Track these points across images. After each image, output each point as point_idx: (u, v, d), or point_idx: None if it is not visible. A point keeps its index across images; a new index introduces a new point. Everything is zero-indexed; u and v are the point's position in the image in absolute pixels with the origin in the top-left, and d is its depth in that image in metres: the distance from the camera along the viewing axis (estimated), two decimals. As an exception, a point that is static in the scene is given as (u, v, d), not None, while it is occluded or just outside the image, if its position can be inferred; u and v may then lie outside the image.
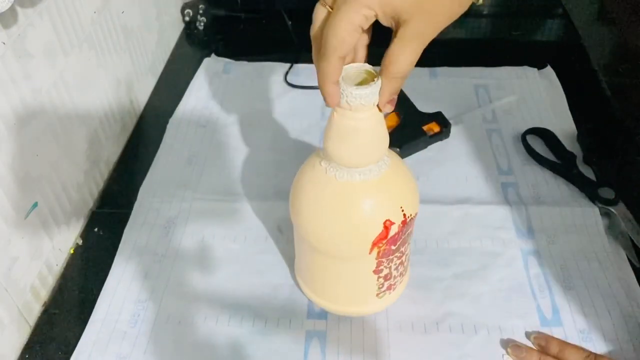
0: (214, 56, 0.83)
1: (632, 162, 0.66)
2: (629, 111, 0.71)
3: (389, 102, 0.41)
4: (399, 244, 0.46)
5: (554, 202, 0.60)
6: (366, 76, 0.40)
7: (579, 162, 0.64)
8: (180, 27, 0.90)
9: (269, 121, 0.73)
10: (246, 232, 0.59)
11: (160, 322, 0.52)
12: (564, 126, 0.69)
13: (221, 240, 0.58)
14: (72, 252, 0.59)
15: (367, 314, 0.51)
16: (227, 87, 0.78)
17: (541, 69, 0.78)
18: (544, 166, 0.64)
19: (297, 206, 0.46)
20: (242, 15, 0.91)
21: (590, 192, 0.60)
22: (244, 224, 0.60)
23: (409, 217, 0.44)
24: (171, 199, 0.62)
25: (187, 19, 0.90)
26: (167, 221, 0.60)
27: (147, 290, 0.54)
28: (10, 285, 0.49)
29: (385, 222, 0.43)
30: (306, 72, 0.79)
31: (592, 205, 0.59)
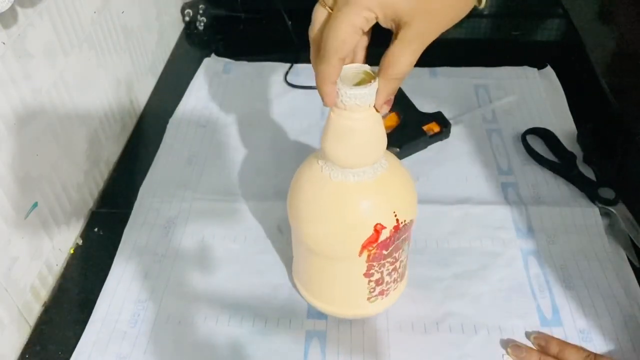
0: (214, 56, 0.83)
1: (632, 162, 0.66)
2: (629, 111, 0.71)
3: (385, 103, 0.40)
4: (392, 249, 0.45)
5: (554, 202, 0.60)
6: (364, 77, 0.40)
7: (579, 162, 0.64)
8: (180, 27, 0.90)
9: (268, 121, 0.73)
10: (246, 232, 0.59)
11: (160, 322, 0.52)
12: (564, 126, 0.69)
13: (221, 240, 0.58)
14: (72, 252, 0.59)
15: (359, 317, 0.51)
16: (227, 87, 0.78)
17: (541, 69, 0.78)
18: (544, 166, 0.64)
19: (294, 205, 0.46)
20: (242, 15, 0.91)
21: (590, 192, 0.60)
22: (244, 224, 0.60)
23: (403, 222, 0.44)
24: (171, 199, 0.62)
25: (187, 19, 0.90)
26: (167, 221, 0.60)
27: (147, 290, 0.54)
28: (10, 285, 0.49)
29: (376, 226, 0.42)
30: (306, 72, 0.79)
31: (592, 205, 0.59)
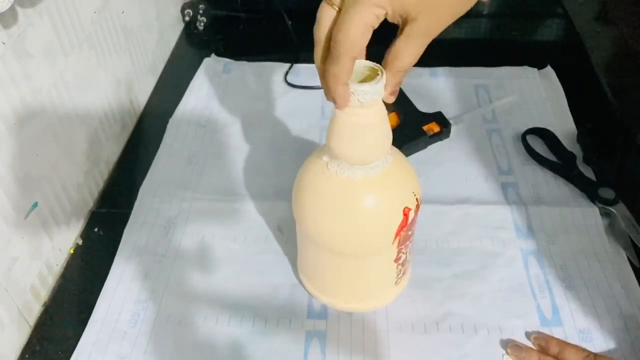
0: (214, 56, 0.83)
1: (632, 162, 0.66)
2: (629, 111, 0.71)
3: (391, 93, 0.41)
4: (413, 228, 0.47)
5: (554, 202, 0.60)
6: (368, 72, 0.40)
7: (579, 162, 0.64)
8: (180, 27, 0.90)
9: (268, 121, 0.73)
10: (246, 232, 0.59)
11: (160, 322, 0.52)
12: (564, 126, 0.69)
13: (221, 240, 0.58)
14: (72, 252, 0.59)
15: (387, 304, 0.52)
16: (227, 87, 0.78)
17: (541, 69, 0.78)
18: (544, 166, 0.64)
19: (308, 211, 0.46)
20: (242, 15, 0.91)
21: (590, 192, 0.60)
22: (244, 224, 0.60)
23: (420, 200, 0.46)
24: (171, 199, 0.62)
25: (187, 19, 0.90)
26: (167, 221, 0.60)
27: (147, 290, 0.54)
28: (10, 285, 0.49)
29: (404, 210, 0.44)
30: (306, 72, 0.79)
31: (592, 205, 0.59)
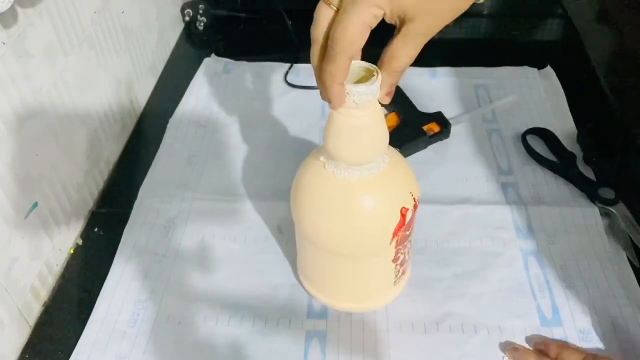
0: (214, 56, 0.83)
1: (632, 162, 0.66)
2: (629, 111, 0.71)
3: (387, 94, 0.41)
4: (411, 228, 0.47)
5: (554, 202, 0.60)
6: (364, 73, 0.40)
7: (579, 162, 0.64)
8: (180, 27, 0.90)
9: (268, 121, 0.73)
10: (246, 232, 0.59)
11: (160, 322, 0.52)
12: (564, 126, 0.69)
13: (221, 240, 0.58)
14: (72, 252, 0.59)
15: (385, 304, 0.52)
16: (227, 87, 0.78)
17: (541, 69, 0.78)
18: (544, 166, 0.64)
19: (306, 211, 0.46)
20: (242, 15, 0.91)
21: (590, 192, 0.60)
22: (244, 224, 0.60)
23: (417, 200, 0.46)
24: (171, 199, 0.62)
25: (187, 19, 0.90)
26: (167, 221, 0.60)
27: (147, 290, 0.54)
28: (10, 285, 0.49)
29: (401, 210, 0.44)
30: (306, 72, 0.79)
31: (592, 205, 0.59)
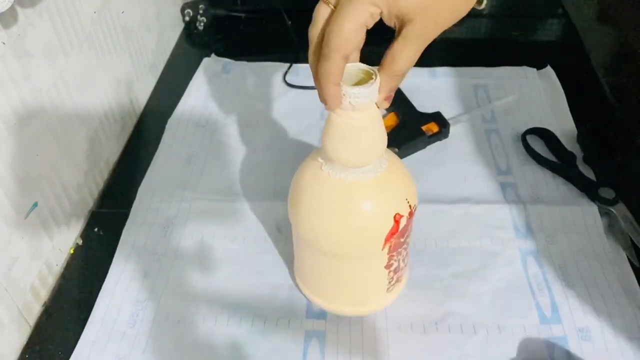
0: (213, 56, 0.83)
1: (632, 162, 0.66)
2: (629, 111, 0.71)
3: (386, 99, 0.40)
4: (406, 235, 0.47)
5: (554, 201, 0.60)
6: (362, 75, 0.40)
7: (579, 162, 0.64)
8: (180, 27, 0.90)
9: (268, 121, 0.73)
10: (245, 232, 0.59)
11: (159, 321, 0.52)
12: (564, 126, 0.69)
13: (221, 240, 0.58)
14: (72, 252, 0.59)
15: (378, 310, 0.51)
16: (226, 87, 0.78)
17: (541, 69, 0.78)
18: (543, 166, 0.64)
19: (302, 210, 0.46)
20: (242, 15, 0.91)
21: (590, 192, 0.60)
22: (243, 224, 0.60)
23: (414, 207, 0.46)
24: (170, 199, 0.62)
25: (187, 19, 0.90)
26: (166, 221, 0.60)
27: (146, 289, 0.54)
28: (10, 285, 0.49)
29: (395, 216, 0.44)
30: (306, 72, 0.79)
31: (592, 205, 0.59)
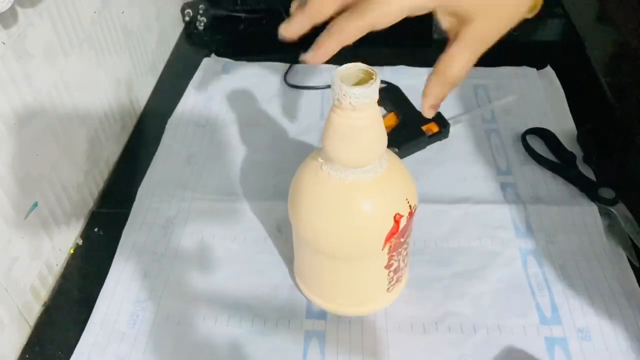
0: (213, 56, 0.83)
1: (632, 162, 0.66)
2: (629, 111, 0.71)
3: (432, 106, 0.36)
4: (406, 235, 0.47)
5: (554, 201, 0.60)
6: (362, 75, 0.40)
7: (579, 162, 0.64)
8: (180, 27, 0.90)
9: (268, 121, 0.73)
10: (245, 232, 0.59)
11: (159, 322, 0.52)
12: (564, 126, 0.69)
13: (221, 240, 0.58)
14: (72, 252, 0.59)
15: (378, 310, 0.51)
16: (226, 87, 0.78)
17: (541, 69, 0.78)
18: (543, 166, 0.64)
19: (301, 212, 0.46)
20: (242, 15, 0.91)
21: (590, 192, 0.60)
22: (243, 224, 0.60)
23: (414, 207, 0.46)
24: (170, 199, 0.62)
25: (187, 19, 0.90)
26: (166, 221, 0.60)
27: (146, 290, 0.54)
28: (10, 285, 0.49)
29: (395, 216, 0.44)
30: (305, 73, 0.79)
31: (592, 205, 0.59)
